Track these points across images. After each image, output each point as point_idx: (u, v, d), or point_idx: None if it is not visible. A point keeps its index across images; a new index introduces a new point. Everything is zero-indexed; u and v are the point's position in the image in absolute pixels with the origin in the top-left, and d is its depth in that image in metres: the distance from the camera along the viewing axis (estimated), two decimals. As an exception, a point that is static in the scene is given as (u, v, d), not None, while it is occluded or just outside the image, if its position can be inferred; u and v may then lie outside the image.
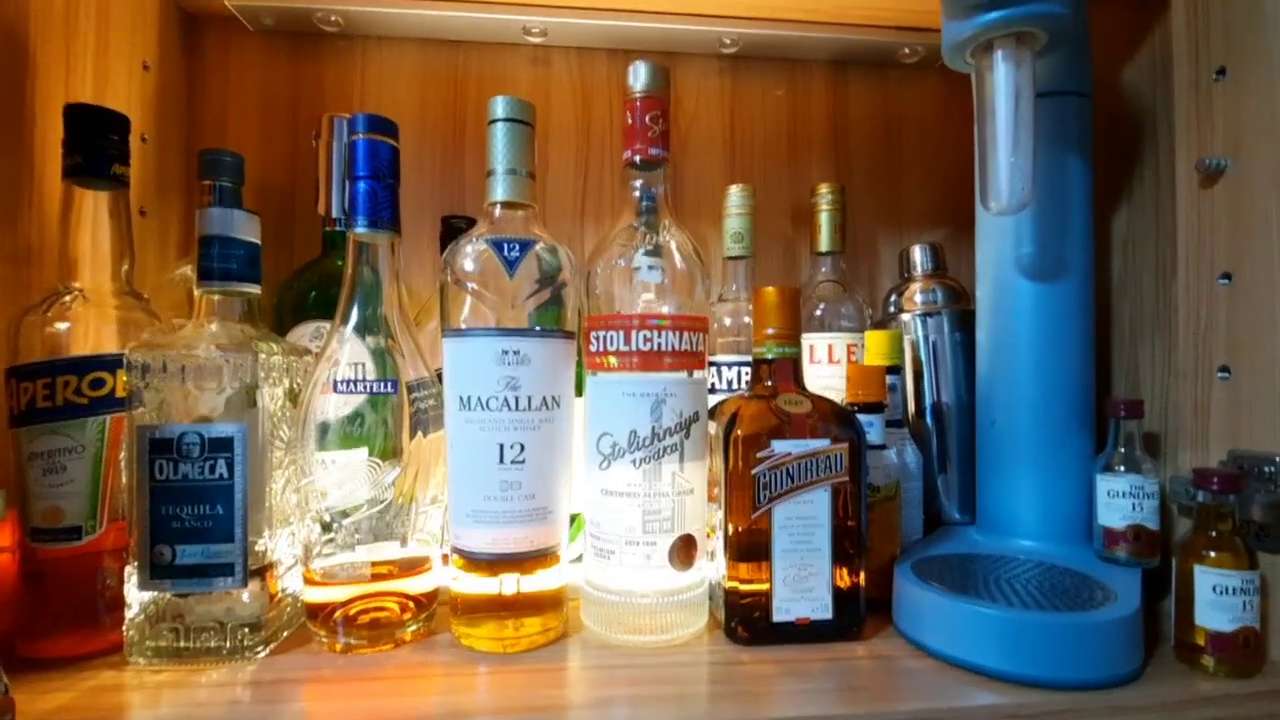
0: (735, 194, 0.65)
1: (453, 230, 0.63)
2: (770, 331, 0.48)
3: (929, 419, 0.65)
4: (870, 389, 0.53)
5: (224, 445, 0.42)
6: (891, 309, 0.69)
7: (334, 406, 0.45)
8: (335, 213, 0.61)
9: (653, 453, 0.44)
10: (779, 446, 0.44)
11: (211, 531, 0.42)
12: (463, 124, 0.72)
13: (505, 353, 0.44)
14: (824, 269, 0.68)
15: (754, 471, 0.44)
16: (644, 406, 0.44)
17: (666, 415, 0.44)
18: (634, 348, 0.44)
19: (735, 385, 0.61)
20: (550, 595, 0.46)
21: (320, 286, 0.60)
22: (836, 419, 0.46)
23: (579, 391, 0.49)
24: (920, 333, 0.66)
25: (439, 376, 0.48)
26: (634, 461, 0.44)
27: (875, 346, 0.59)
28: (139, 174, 0.60)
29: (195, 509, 0.42)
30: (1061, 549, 0.52)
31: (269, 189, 0.68)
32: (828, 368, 0.65)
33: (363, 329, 0.47)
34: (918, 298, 0.67)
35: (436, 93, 0.72)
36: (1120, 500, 0.49)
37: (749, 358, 0.62)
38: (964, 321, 0.65)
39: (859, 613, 0.46)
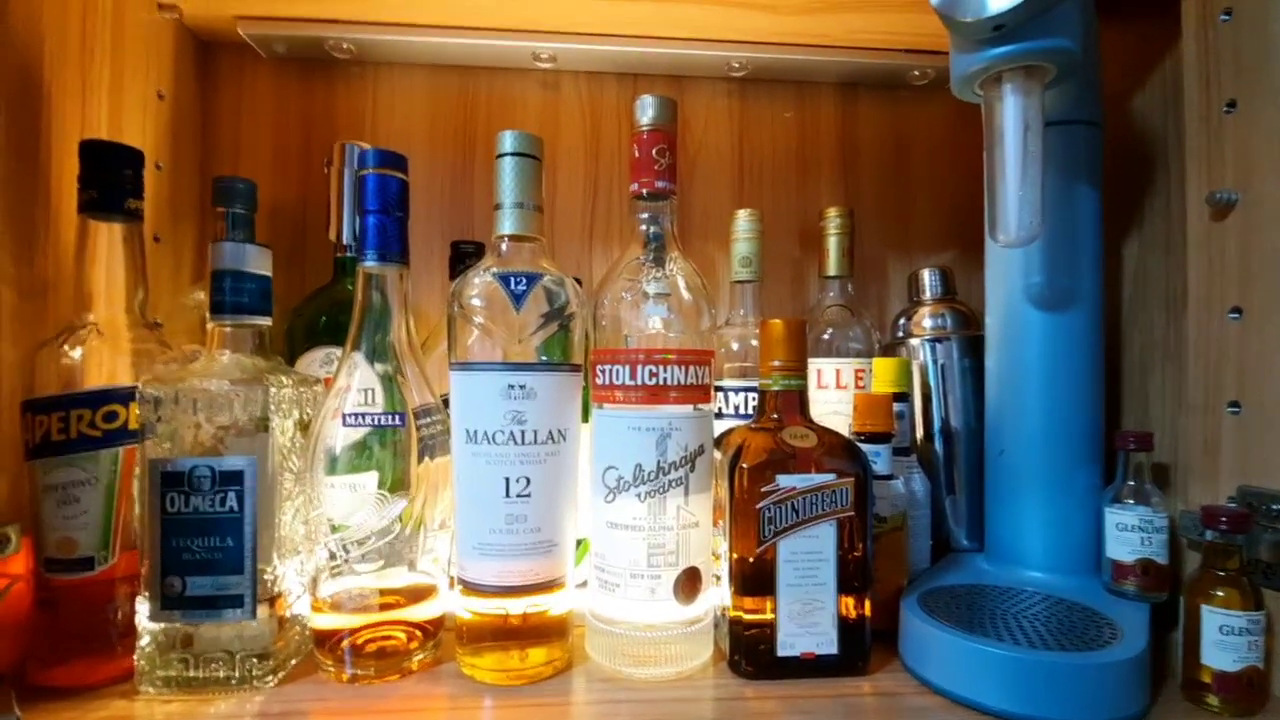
0: (743, 219, 0.66)
1: (461, 255, 0.64)
2: (776, 364, 0.48)
3: (938, 443, 0.65)
4: (878, 419, 0.53)
5: (234, 478, 0.43)
6: (900, 333, 0.68)
7: (343, 436, 0.46)
8: (346, 239, 0.62)
9: (658, 487, 0.44)
10: (784, 481, 0.44)
11: (221, 563, 0.43)
12: (472, 147, 0.72)
13: (511, 387, 0.44)
14: (832, 293, 0.68)
15: (759, 506, 0.44)
16: (649, 441, 0.44)
17: (672, 449, 0.44)
18: (639, 382, 0.45)
19: (743, 410, 0.61)
20: (555, 625, 0.46)
21: (331, 312, 0.61)
22: (843, 453, 0.46)
23: (585, 417, 0.49)
24: (929, 357, 0.66)
25: (445, 402, 0.48)
26: (639, 496, 0.44)
27: (883, 374, 0.59)
28: (153, 201, 0.61)
29: (205, 541, 0.43)
30: (1069, 581, 0.52)
31: (281, 213, 0.68)
32: (835, 393, 0.65)
33: (371, 356, 0.47)
34: (926, 322, 0.67)
35: (447, 117, 0.72)
36: (1129, 534, 0.48)
37: (756, 383, 0.62)
38: (973, 347, 0.65)
39: (864, 647, 0.46)
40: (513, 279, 0.45)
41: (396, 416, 0.46)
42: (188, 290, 0.63)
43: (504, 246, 0.47)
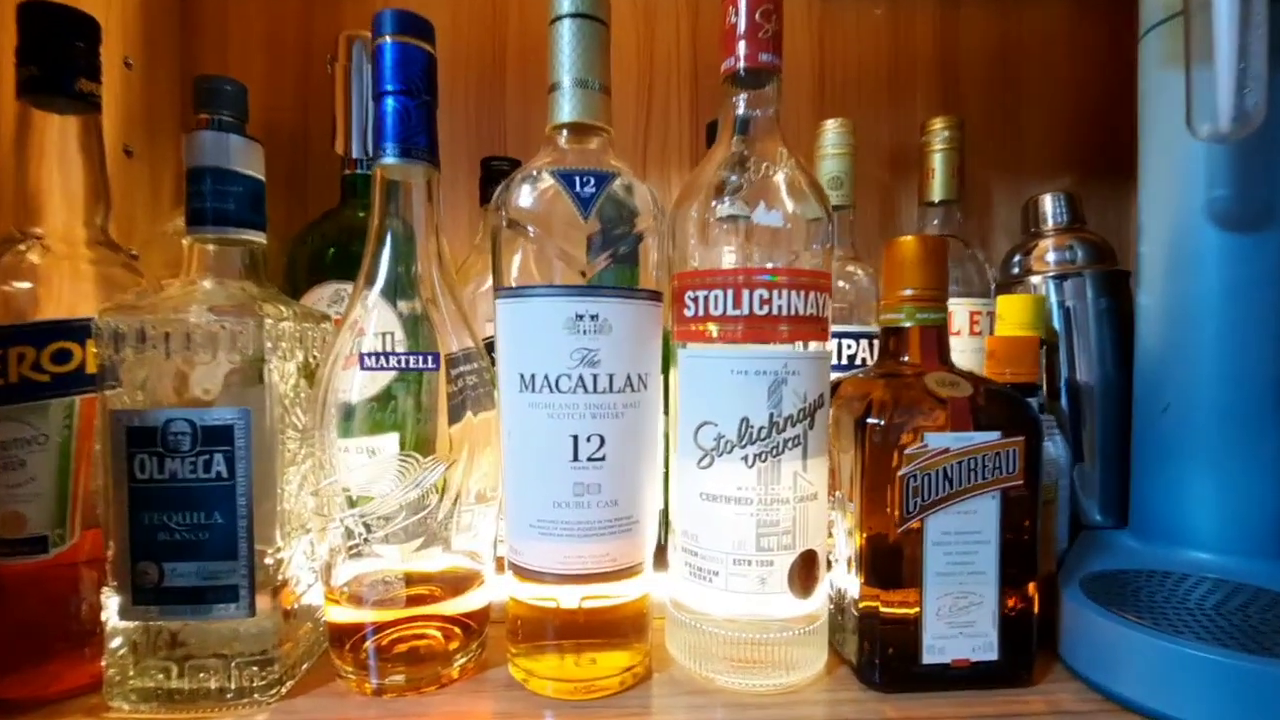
0: (832, 131, 0.54)
1: (494, 176, 0.53)
2: (909, 293, 0.38)
3: (1064, 401, 0.54)
4: (1023, 365, 0.43)
5: (222, 435, 0.33)
6: (1015, 270, 0.57)
7: (359, 386, 0.36)
8: (356, 152, 0.51)
9: (770, 447, 0.34)
10: (934, 441, 0.34)
11: (208, 545, 0.33)
12: (503, 50, 0.61)
13: (580, 317, 0.33)
14: (936, 221, 0.57)
15: (902, 473, 0.34)
16: (759, 388, 0.34)
17: (788, 400, 0.34)
18: (745, 311, 0.34)
19: (838, 361, 0.51)
20: (633, 622, 0.36)
21: (340, 241, 0.51)
22: (1008, 405, 0.36)
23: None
24: (1054, 298, 0.55)
25: (488, 348, 0.38)
26: (746, 459, 0.34)
27: (1013, 314, 0.48)
28: (124, 106, 0.50)
29: (187, 517, 0.33)
30: (1252, 565, 0.42)
31: (277, 129, 0.58)
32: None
33: (393, 291, 0.37)
34: (1050, 256, 0.56)
35: (471, 14, 0.61)
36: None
37: (858, 328, 0.51)
38: (1110, 284, 0.54)
39: (1030, 652, 0.36)
40: (579, 178, 0.35)
41: (428, 358, 0.36)
42: (169, 216, 0.52)
43: (563, 139, 0.36)
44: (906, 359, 0.38)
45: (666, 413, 0.38)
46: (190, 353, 0.33)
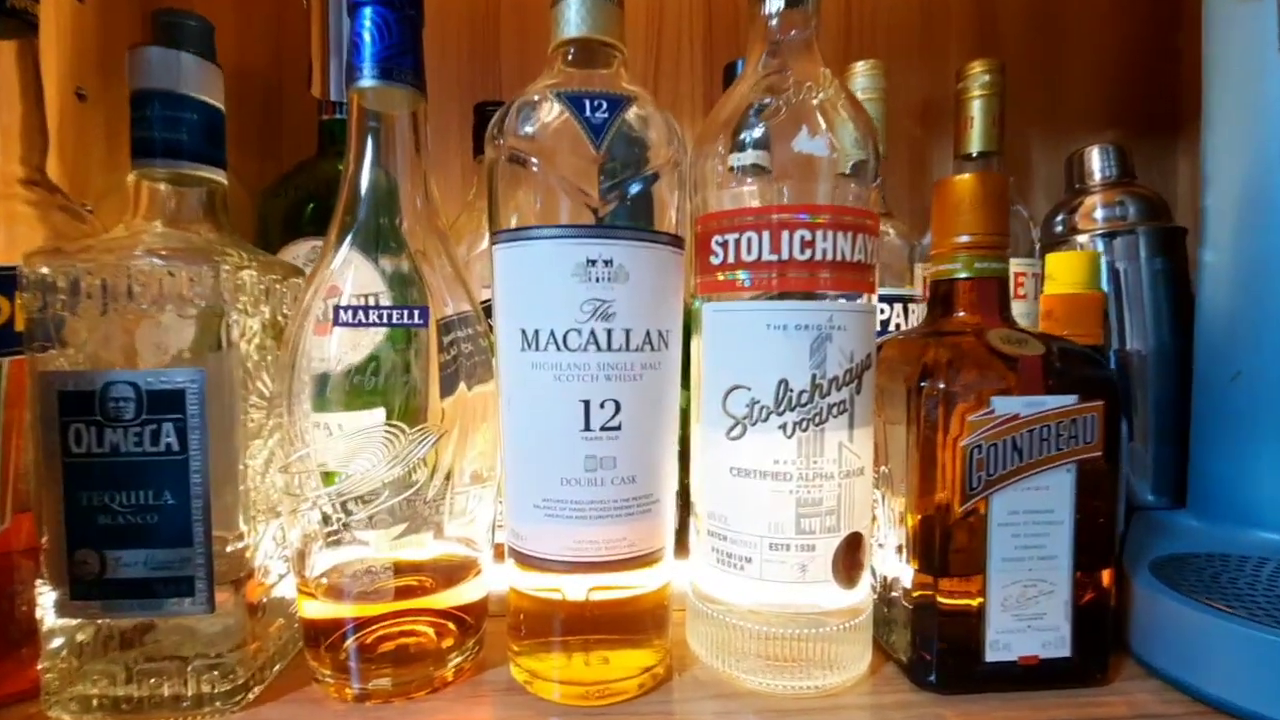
0: (862, 74, 0.49)
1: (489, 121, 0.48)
2: (965, 239, 0.33)
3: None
4: (1086, 325, 0.38)
5: (171, 401, 0.28)
6: (1058, 229, 0.53)
7: (336, 349, 0.31)
8: (335, 94, 0.46)
9: (812, 414, 0.29)
10: (1002, 406, 0.30)
11: (157, 530, 0.28)
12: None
13: (592, 262, 0.29)
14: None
15: (964, 444, 0.30)
16: (800, 346, 0.29)
17: (832, 359, 0.29)
18: (784, 256, 0.29)
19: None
20: (652, 616, 0.32)
21: (317, 194, 0.46)
22: (1084, 365, 0.31)
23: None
24: (1104, 258, 0.50)
25: (486, 312, 0.34)
26: (785, 427, 0.29)
27: (1067, 273, 0.43)
28: (76, 43, 0.45)
29: (132, 497, 0.28)
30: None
31: (248, 74, 0.52)
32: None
33: (374, 243, 0.32)
34: (1098, 213, 0.51)
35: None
36: None
37: (890, 290, 0.47)
38: (1166, 242, 0.49)
39: (1105, 647, 0.31)
40: (589, 102, 0.29)
41: (415, 313, 0.31)
42: (127, 169, 0.47)
43: (569, 57, 0.31)
44: (962, 315, 0.33)
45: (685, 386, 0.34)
46: (134, 304, 0.28)
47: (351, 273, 0.31)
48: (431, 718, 0.30)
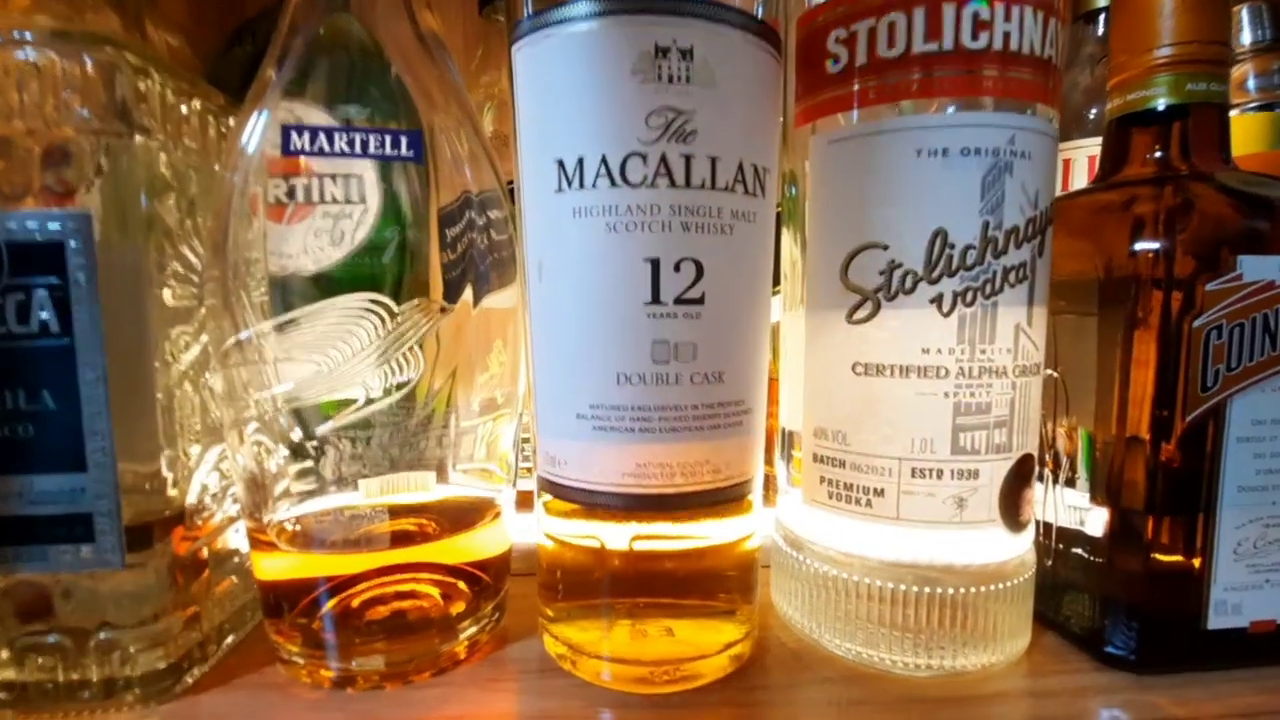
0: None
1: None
2: (1166, 52, 0.23)
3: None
4: None
5: (45, 259, 0.19)
6: (1198, 106, 0.43)
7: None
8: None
9: (982, 281, 0.20)
10: (1252, 269, 0.20)
11: (34, 448, 0.20)
12: None
13: (662, 52, 0.19)
14: (1099, 34, 0.42)
15: (1198, 323, 0.20)
16: (968, 180, 0.20)
17: (1011, 201, 0.20)
18: (947, 45, 0.20)
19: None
20: (739, 576, 0.23)
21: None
22: (1367, 212, 0.22)
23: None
24: (1264, 135, 0.40)
25: (510, 194, 0.24)
26: (941, 301, 0.20)
27: (1245, 138, 0.34)
28: None
29: (-6, 400, 0.19)
30: None
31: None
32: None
33: (343, 90, 0.22)
34: (1250, 83, 0.41)
35: None
36: None
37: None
38: (1345, 114, 0.39)
39: (1365, 612, 0.23)
40: None
41: (402, 141, 0.21)
42: None
43: None
44: (1167, 157, 0.24)
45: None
46: (-13, 119, 0.19)
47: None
48: (437, 710, 0.21)
